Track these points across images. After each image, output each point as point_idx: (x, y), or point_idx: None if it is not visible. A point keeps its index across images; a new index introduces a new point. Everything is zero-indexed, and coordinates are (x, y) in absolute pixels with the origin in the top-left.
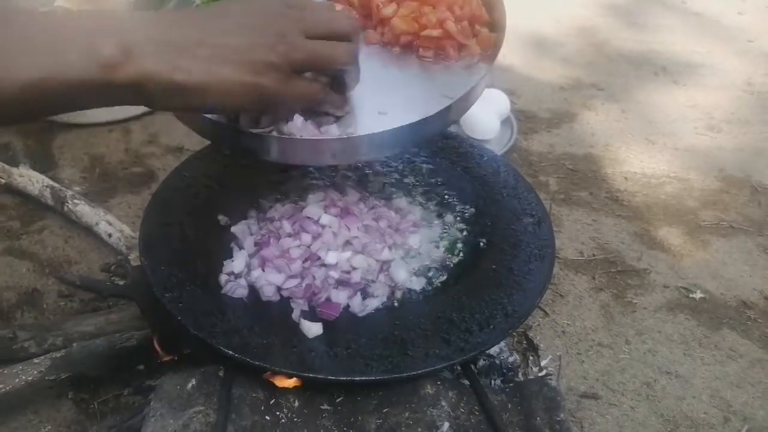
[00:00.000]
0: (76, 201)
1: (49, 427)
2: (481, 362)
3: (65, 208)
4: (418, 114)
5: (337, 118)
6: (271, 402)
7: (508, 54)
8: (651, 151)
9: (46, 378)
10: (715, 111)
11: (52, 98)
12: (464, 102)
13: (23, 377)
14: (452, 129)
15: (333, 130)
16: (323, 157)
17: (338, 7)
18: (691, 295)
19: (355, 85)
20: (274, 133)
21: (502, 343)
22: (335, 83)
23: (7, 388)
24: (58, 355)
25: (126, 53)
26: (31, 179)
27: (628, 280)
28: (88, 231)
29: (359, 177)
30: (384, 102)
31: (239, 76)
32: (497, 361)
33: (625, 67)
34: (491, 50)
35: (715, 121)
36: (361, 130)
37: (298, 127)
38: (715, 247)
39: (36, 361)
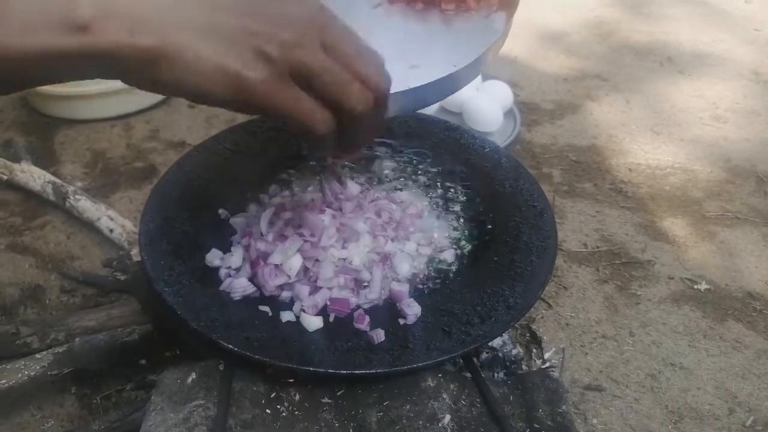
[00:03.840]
0: (77, 197)
1: (52, 422)
2: (484, 355)
3: (67, 204)
4: (451, 64)
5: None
6: (272, 395)
7: (512, 45)
8: (656, 142)
9: (49, 373)
10: (721, 101)
11: (15, 69)
12: (493, 49)
13: (26, 372)
14: (455, 120)
15: None
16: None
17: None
18: (695, 287)
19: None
20: None
21: (505, 336)
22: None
23: (10, 383)
24: (61, 350)
25: (100, 15)
26: (32, 175)
27: (632, 272)
28: (90, 226)
29: (361, 169)
30: (413, 56)
31: (221, 58)
32: (500, 354)
33: (630, 57)
34: None
35: (721, 111)
36: (400, 84)
37: None
38: (721, 238)
39: (38, 356)
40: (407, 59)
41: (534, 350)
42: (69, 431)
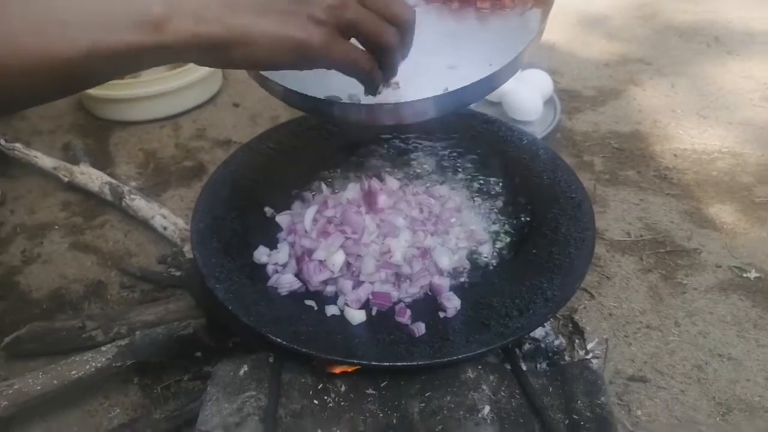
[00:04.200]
0: (132, 196)
1: (118, 410)
2: (527, 346)
3: (123, 203)
4: (488, 63)
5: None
6: (319, 387)
7: (551, 32)
8: (702, 125)
9: (113, 365)
10: None
11: (100, 66)
12: (529, 48)
13: (93, 364)
14: (494, 110)
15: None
16: (409, 118)
17: None
18: (744, 275)
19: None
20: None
21: (548, 327)
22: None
23: (80, 374)
24: (123, 343)
25: (171, 11)
26: (91, 176)
27: (677, 261)
28: (145, 224)
29: (400, 165)
30: (451, 56)
31: (283, 30)
32: (543, 345)
33: (675, 39)
34: None
35: None
36: (438, 87)
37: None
38: None
39: (103, 349)
40: (444, 59)
41: (577, 341)
42: (133, 419)
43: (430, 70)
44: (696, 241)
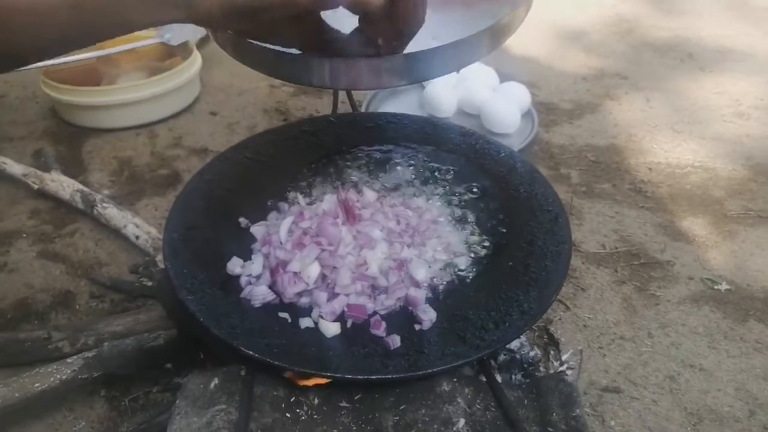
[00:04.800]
0: (104, 204)
1: (83, 423)
2: (502, 357)
3: (95, 212)
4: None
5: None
6: (292, 400)
7: (529, 46)
8: (676, 140)
9: (80, 377)
10: (743, 97)
11: (103, 11)
12: (511, 23)
13: (58, 376)
14: (473, 122)
15: None
16: (380, 77)
17: None
18: (716, 287)
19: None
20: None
21: (523, 338)
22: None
23: (43, 386)
24: (90, 354)
25: None
26: (62, 184)
27: (651, 273)
28: (117, 233)
29: (377, 176)
30: (433, 30)
31: None
32: (518, 356)
33: (650, 55)
34: None
35: (744, 108)
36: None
37: None
38: (742, 238)
39: (69, 360)
40: (428, 32)
41: (552, 352)
42: None
43: (411, 42)
44: (669, 253)
